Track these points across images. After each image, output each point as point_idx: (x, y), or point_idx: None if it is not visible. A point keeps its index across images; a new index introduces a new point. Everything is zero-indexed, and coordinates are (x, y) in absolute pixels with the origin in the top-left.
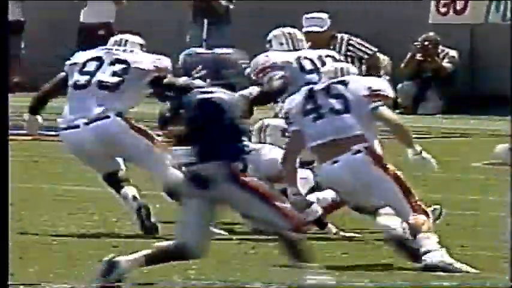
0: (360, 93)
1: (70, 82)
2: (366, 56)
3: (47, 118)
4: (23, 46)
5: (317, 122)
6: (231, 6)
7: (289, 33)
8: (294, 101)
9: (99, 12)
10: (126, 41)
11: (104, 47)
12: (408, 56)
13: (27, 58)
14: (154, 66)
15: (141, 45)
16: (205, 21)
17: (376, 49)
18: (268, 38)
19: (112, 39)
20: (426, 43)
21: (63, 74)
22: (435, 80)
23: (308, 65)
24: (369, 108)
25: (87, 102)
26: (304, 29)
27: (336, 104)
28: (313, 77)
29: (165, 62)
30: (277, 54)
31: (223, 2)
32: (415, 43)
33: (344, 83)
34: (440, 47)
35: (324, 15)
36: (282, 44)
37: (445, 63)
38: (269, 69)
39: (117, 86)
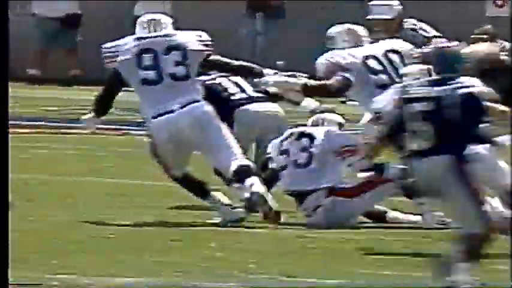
0: None
1: (134, 79)
2: (425, 40)
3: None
4: (78, 39)
5: None
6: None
7: (352, 30)
8: (385, 100)
9: (153, 5)
10: (159, 20)
11: (143, 36)
12: None
13: (83, 51)
14: (203, 45)
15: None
16: (259, 14)
17: (436, 33)
18: (328, 35)
19: (144, 21)
20: (483, 36)
21: (113, 72)
22: (492, 73)
23: (376, 66)
24: None
25: (167, 94)
26: (369, 16)
27: None
28: (381, 77)
29: (207, 37)
30: (342, 54)
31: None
32: (472, 36)
33: None
34: (498, 40)
35: (394, 2)
36: (345, 40)
37: (503, 56)
38: (336, 69)
39: (188, 73)
